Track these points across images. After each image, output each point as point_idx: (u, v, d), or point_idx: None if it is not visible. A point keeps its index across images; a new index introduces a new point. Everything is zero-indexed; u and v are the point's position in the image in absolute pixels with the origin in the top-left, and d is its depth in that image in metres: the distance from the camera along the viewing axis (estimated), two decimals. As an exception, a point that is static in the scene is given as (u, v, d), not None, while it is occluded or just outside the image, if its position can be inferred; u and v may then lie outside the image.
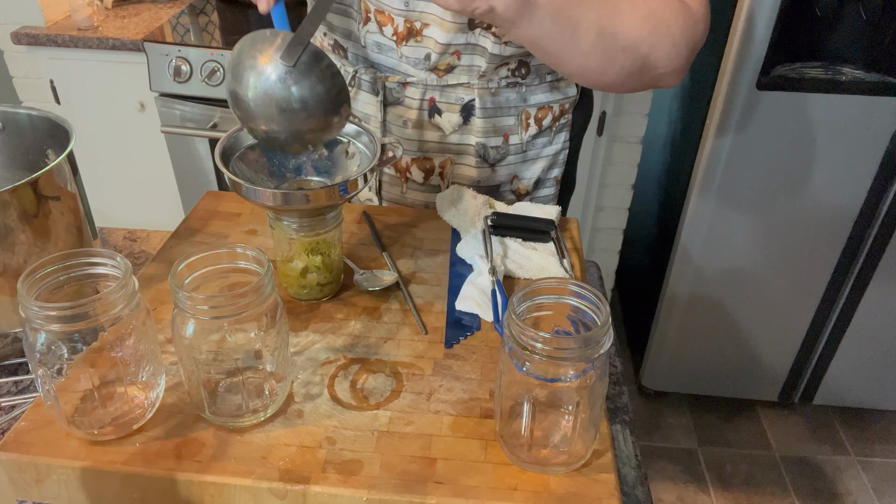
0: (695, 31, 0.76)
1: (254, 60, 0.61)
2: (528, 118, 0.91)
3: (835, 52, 1.58)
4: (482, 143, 0.90)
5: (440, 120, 0.89)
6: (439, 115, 0.89)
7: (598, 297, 0.52)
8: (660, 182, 2.07)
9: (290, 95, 0.61)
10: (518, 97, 0.90)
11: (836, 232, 1.72)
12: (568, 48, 0.72)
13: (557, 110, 0.93)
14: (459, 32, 0.81)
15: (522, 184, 0.96)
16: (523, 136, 0.92)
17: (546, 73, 0.90)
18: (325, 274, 0.70)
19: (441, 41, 0.82)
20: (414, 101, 0.88)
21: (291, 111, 0.62)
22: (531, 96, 0.90)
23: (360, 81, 0.90)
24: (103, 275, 0.55)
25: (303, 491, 0.52)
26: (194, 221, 0.82)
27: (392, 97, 0.89)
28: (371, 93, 0.90)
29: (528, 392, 0.52)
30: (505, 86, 0.88)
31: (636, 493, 0.65)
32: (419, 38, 0.83)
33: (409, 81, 0.87)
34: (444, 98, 0.88)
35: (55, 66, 1.87)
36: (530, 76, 0.89)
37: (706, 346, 1.96)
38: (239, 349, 0.55)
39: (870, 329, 1.86)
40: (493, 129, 0.90)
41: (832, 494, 1.86)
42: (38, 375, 0.53)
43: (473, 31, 0.81)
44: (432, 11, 0.80)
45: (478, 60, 0.85)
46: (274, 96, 0.62)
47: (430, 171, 0.93)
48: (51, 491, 0.55)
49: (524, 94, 0.90)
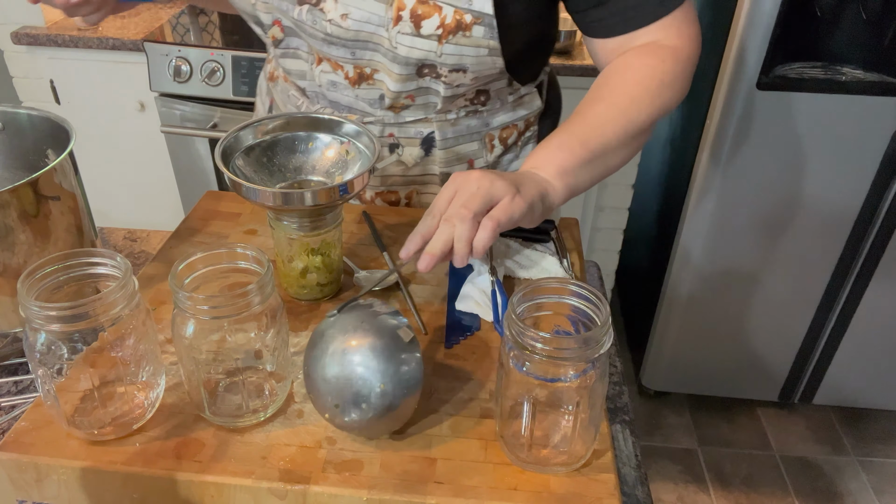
0: (686, 68, 0.78)
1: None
2: (493, 140, 0.91)
3: (835, 52, 1.58)
4: (446, 172, 0.90)
5: (401, 154, 0.89)
6: (399, 148, 0.88)
7: (598, 297, 0.52)
8: (660, 182, 2.07)
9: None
10: (480, 123, 0.89)
11: (836, 232, 1.72)
12: (607, 171, 0.75)
13: (523, 125, 0.93)
14: (409, 81, 0.81)
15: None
16: (488, 158, 0.92)
17: (507, 95, 0.90)
18: (325, 274, 0.70)
19: (392, 89, 0.82)
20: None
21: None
22: (493, 119, 0.90)
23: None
24: (103, 275, 0.55)
25: (303, 491, 0.52)
26: (194, 221, 0.82)
27: None
28: None
29: (528, 392, 0.52)
30: (465, 115, 0.88)
31: (636, 493, 0.65)
32: (371, 82, 0.83)
33: (367, 120, 0.87)
34: (403, 133, 0.87)
35: (55, 66, 1.87)
36: (491, 101, 0.88)
37: (706, 346, 1.96)
38: (239, 349, 0.55)
39: (870, 329, 1.86)
40: (455, 157, 0.90)
41: (832, 494, 1.86)
42: (38, 375, 0.53)
43: (423, 77, 0.80)
44: (379, 60, 0.80)
45: (433, 99, 0.84)
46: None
47: (395, 203, 0.93)
48: (51, 491, 0.55)
49: (486, 118, 0.90)
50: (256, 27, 0.87)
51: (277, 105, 0.97)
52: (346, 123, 0.72)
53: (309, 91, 0.89)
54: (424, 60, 0.77)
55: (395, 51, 0.76)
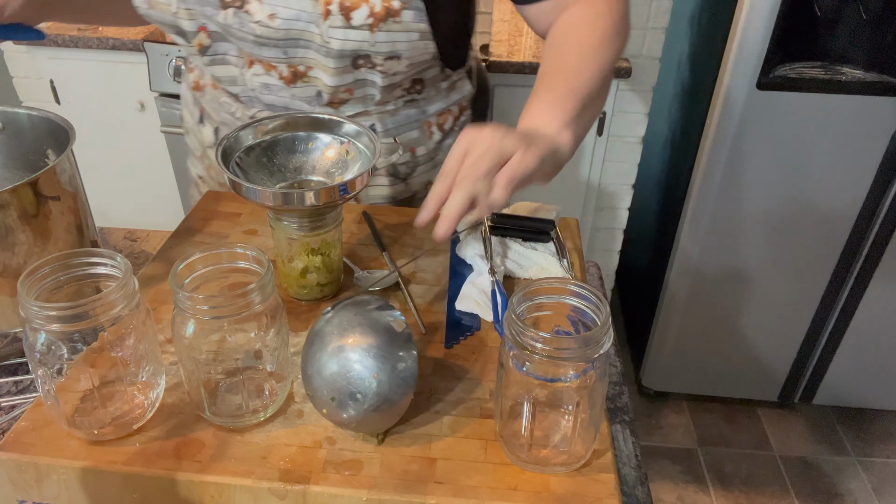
0: (623, 9, 0.80)
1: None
2: (431, 126, 0.93)
3: (835, 52, 1.58)
4: (391, 163, 0.91)
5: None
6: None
7: (598, 297, 0.52)
8: (660, 182, 2.07)
9: None
10: (417, 111, 0.91)
11: (836, 232, 1.72)
12: (594, 117, 0.77)
13: (457, 110, 0.95)
14: (345, 74, 0.81)
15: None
16: (429, 145, 0.93)
17: (441, 82, 0.91)
18: (325, 274, 0.70)
19: (329, 84, 0.82)
20: None
21: None
22: (430, 107, 0.92)
23: None
24: (103, 275, 0.55)
25: (303, 491, 0.52)
26: (194, 221, 0.82)
27: None
28: None
29: (528, 392, 0.52)
30: (403, 105, 0.89)
31: (636, 493, 0.65)
32: (306, 80, 0.83)
33: None
34: None
35: (55, 66, 1.87)
36: (426, 89, 0.89)
37: (706, 346, 1.96)
38: (239, 349, 0.55)
39: (870, 329, 1.86)
40: (395, 148, 0.91)
41: (832, 494, 1.86)
42: (38, 375, 0.53)
43: (359, 69, 0.80)
44: (313, 56, 0.80)
45: (370, 91, 0.85)
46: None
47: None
48: (51, 491, 0.55)
49: (423, 106, 0.91)
50: (178, 37, 0.85)
51: (209, 114, 0.95)
52: (346, 123, 0.72)
53: (242, 96, 0.88)
54: (358, 51, 0.77)
55: (328, 45, 0.76)
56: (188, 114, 1.01)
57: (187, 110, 1.01)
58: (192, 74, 0.97)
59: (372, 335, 0.54)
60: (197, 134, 0.99)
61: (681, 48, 1.92)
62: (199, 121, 0.98)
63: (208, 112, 0.95)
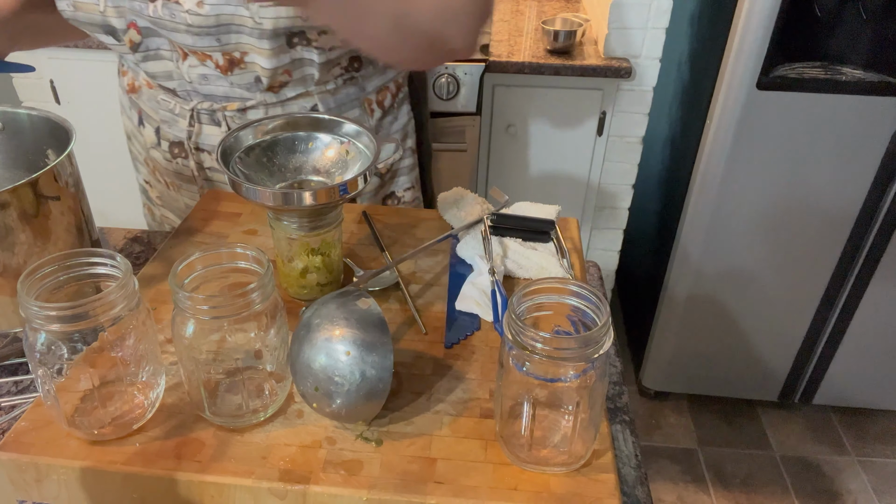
0: (484, 4, 0.76)
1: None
2: (371, 104, 0.94)
3: (835, 52, 1.58)
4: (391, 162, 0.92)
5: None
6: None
7: (598, 297, 0.52)
8: (660, 182, 2.07)
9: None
10: (357, 89, 0.91)
11: (836, 232, 1.72)
12: (361, 31, 0.71)
13: (394, 87, 0.96)
14: (282, 55, 0.80)
15: (386, 163, 1.00)
16: (371, 123, 0.94)
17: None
18: (325, 274, 0.70)
19: (266, 66, 0.81)
20: None
21: None
22: (368, 84, 0.92)
23: (200, 115, 0.89)
24: (103, 275, 0.55)
25: (303, 491, 0.52)
26: (194, 221, 0.82)
27: (235, 124, 0.88)
28: (214, 124, 0.89)
29: (528, 392, 0.52)
30: (343, 84, 0.89)
31: (636, 493, 0.65)
32: (243, 66, 0.83)
33: (248, 106, 0.87)
34: (288, 111, 0.88)
35: (55, 66, 1.87)
36: (364, 66, 0.90)
37: (706, 346, 1.96)
38: (239, 349, 0.55)
39: (870, 329, 1.86)
40: None
41: (832, 494, 1.86)
42: (38, 375, 0.53)
43: (295, 48, 0.80)
44: (246, 41, 0.79)
45: (309, 70, 0.85)
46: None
47: None
48: (51, 491, 0.55)
49: (362, 84, 0.92)
50: (107, 37, 0.84)
51: (148, 114, 0.94)
52: (346, 123, 0.72)
53: (180, 90, 0.88)
54: (292, 28, 0.77)
55: (261, 26, 0.76)
56: (127, 119, 1.00)
57: (125, 116, 1.00)
58: (125, 77, 0.96)
59: (339, 319, 0.55)
60: (138, 137, 0.98)
61: (681, 48, 1.92)
62: (138, 123, 0.97)
63: (147, 112, 0.94)
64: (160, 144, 0.94)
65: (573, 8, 2.13)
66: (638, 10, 1.70)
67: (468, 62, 1.71)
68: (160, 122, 0.93)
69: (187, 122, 0.89)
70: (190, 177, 0.95)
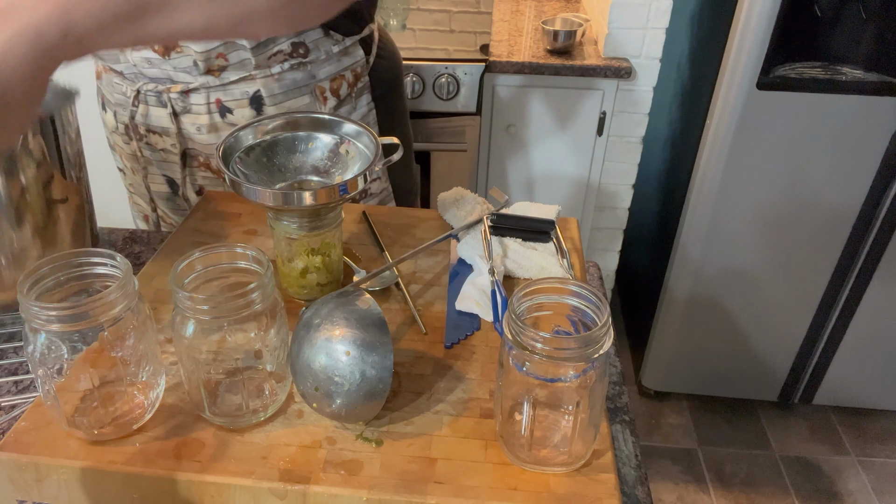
0: None
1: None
2: (324, 92, 0.93)
3: (835, 52, 1.58)
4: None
5: (233, 118, 0.90)
6: (231, 113, 0.90)
7: (598, 297, 0.52)
8: (660, 182, 2.07)
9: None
10: (305, 75, 0.91)
11: (836, 232, 1.72)
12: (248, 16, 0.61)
13: (351, 76, 0.95)
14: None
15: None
16: (324, 111, 0.94)
17: (331, 46, 0.91)
18: (325, 274, 0.70)
19: (198, 49, 0.82)
20: (201, 105, 0.90)
21: None
22: (319, 71, 0.92)
23: (146, 97, 0.91)
24: (103, 275, 0.55)
25: (303, 491, 0.52)
26: (194, 221, 0.82)
27: (179, 106, 0.90)
28: (160, 106, 0.91)
29: (528, 392, 0.52)
30: (288, 69, 0.89)
31: (636, 493, 0.65)
32: (179, 50, 0.84)
33: (190, 88, 0.88)
34: (230, 96, 0.89)
35: (55, 66, 1.87)
36: (312, 53, 0.90)
37: (706, 346, 1.96)
38: (239, 349, 0.55)
39: (870, 329, 1.86)
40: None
41: (832, 494, 1.86)
42: (38, 375, 0.53)
43: None
44: None
45: (244, 55, 0.85)
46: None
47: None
48: (51, 491, 0.55)
49: (311, 70, 0.91)
50: None
51: (108, 99, 0.97)
52: (346, 123, 0.72)
53: (127, 73, 0.89)
54: None
55: None
56: (98, 105, 1.03)
57: (98, 102, 1.03)
58: (97, 64, 0.98)
59: (339, 319, 0.55)
60: (105, 123, 1.02)
61: (681, 48, 1.92)
62: (102, 108, 1.00)
63: (106, 97, 0.97)
64: (117, 128, 0.98)
65: (573, 8, 2.13)
66: (638, 10, 1.70)
67: (468, 62, 1.71)
68: (116, 106, 0.96)
69: (131, 103, 0.92)
70: (147, 159, 0.98)
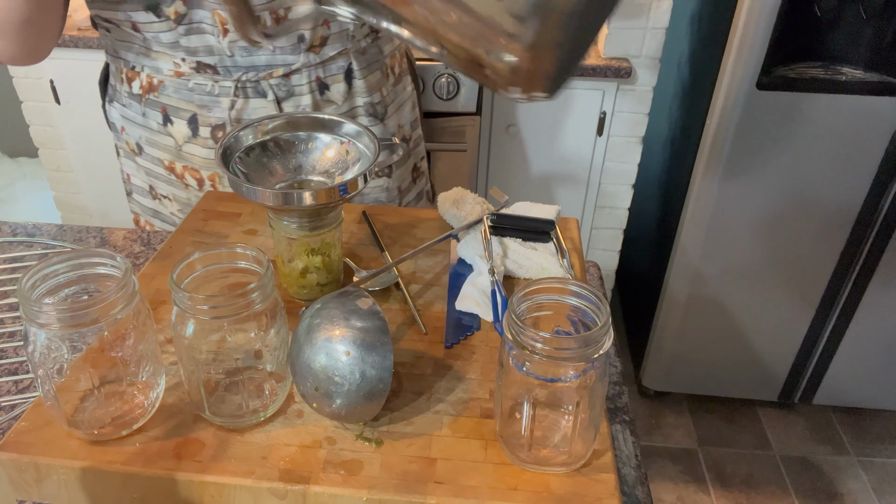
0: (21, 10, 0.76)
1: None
2: (387, 69, 0.98)
3: (835, 52, 1.58)
4: (368, 102, 0.95)
5: (330, 94, 0.92)
6: (328, 89, 0.92)
7: (598, 297, 0.52)
8: (660, 182, 2.07)
9: None
10: (377, 51, 0.95)
11: (836, 232, 1.72)
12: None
13: (399, 55, 1.01)
14: None
15: (405, 129, 1.03)
16: (388, 88, 0.98)
17: None
18: (325, 274, 0.70)
19: (310, 14, 0.83)
20: (303, 86, 0.90)
21: None
22: (385, 46, 0.96)
23: (246, 89, 0.89)
24: (103, 275, 0.55)
25: (303, 491, 0.52)
26: (194, 221, 0.82)
27: (282, 92, 0.90)
28: (260, 96, 0.89)
29: (528, 392, 0.52)
30: (370, 43, 0.93)
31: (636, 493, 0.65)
32: (287, 22, 0.84)
33: (292, 70, 0.89)
34: (327, 72, 0.91)
35: (55, 66, 1.87)
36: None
37: (706, 346, 1.96)
38: (239, 349, 0.55)
39: (870, 329, 1.86)
40: (368, 87, 0.95)
41: (832, 494, 1.86)
42: (38, 375, 0.53)
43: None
44: None
45: (344, 24, 0.88)
46: None
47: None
48: (51, 491, 0.55)
49: (380, 45, 0.95)
50: (147, 14, 0.81)
51: (177, 107, 0.90)
52: (346, 123, 0.72)
53: (220, 66, 0.87)
54: None
55: None
56: (138, 128, 0.95)
57: (135, 125, 0.95)
58: (135, 82, 0.92)
59: (339, 319, 0.55)
60: (163, 139, 0.94)
61: (681, 48, 1.92)
62: (163, 123, 0.92)
63: (175, 106, 0.91)
64: (198, 134, 0.91)
65: (573, 8, 2.13)
66: (638, 10, 1.70)
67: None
68: (197, 109, 0.90)
69: (230, 98, 0.89)
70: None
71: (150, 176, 0.99)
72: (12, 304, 0.85)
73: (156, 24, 0.83)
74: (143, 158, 0.98)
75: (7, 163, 2.92)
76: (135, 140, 0.97)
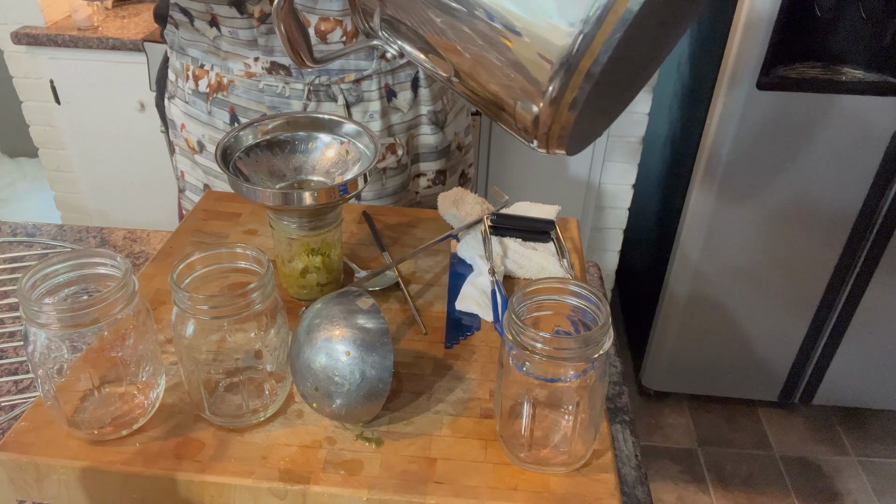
0: None
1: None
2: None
3: (835, 52, 1.58)
4: (431, 110, 0.96)
5: (397, 101, 0.93)
6: (395, 96, 0.92)
7: (598, 297, 0.52)
8: (660, 182, 2.07)
9: None
10: None
11: (836, 232, 1.72)
12: None
13: None
14: None
15: (461, 136, 1.04)
16: (448, 95, 0.99)
17: None
18: (325, 274, 0.70)
19: (360, 48, 0.82)
20: (372, 92, 0.90)
21: None
22: None
23: (318, 93, 0.89)
24: (103, 275, 0.55)
25: (303, 491, 0.52)
26: (194, 221, 0.82)
27: (352, 97, 0.90)
28: (331, 100, 0.90)
29: (528, 392, 0.52)
30: None
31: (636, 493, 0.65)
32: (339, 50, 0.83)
33: (364, 76, 0.89)
34: (396, 80, 0.91)
35: (55, 66, 1.87)
36: None
37: (706, 346, 1.96)
38: (239, 349, 0.55)
39: (870, 329, 1.86)
40: (432, 96, 0.96)
41: (832, 494, 1.86)
42: (38, 375, 0.53)
43: None
44: None
45: None
46: None
47: (392, 149, 0.97)
48: (51, 491, 0.55)
49: None
50: (230, 8, 0.80)
51: (246, 108, 0.90)
52: (346, 123, 0.72)
53: (294, 68, 0.87)
54: None
55: None
56: (202, 126, 0.94)
57: (198, 123, 0.94)
58: (203, 80, 0.91)
59: (339, 319, 0.55)
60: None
61: (681, 48, 1.92)
62: (229, 122, 0.92)
63: (243, 107, 0.91)
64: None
65: (573, 8, 2.13)
66: (638, 10, 1.70)
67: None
68: (267, 111, 0.90)
69: (303, 100, 0.89)
70: None
71: (208, 174, 0.99)
72: (12, 304, 0.85)
73: (237, 20, 0.83)
74: (203, 157, 0.98)
75: (7, 163, 2.92)
76: (196, 138, 0.96)
